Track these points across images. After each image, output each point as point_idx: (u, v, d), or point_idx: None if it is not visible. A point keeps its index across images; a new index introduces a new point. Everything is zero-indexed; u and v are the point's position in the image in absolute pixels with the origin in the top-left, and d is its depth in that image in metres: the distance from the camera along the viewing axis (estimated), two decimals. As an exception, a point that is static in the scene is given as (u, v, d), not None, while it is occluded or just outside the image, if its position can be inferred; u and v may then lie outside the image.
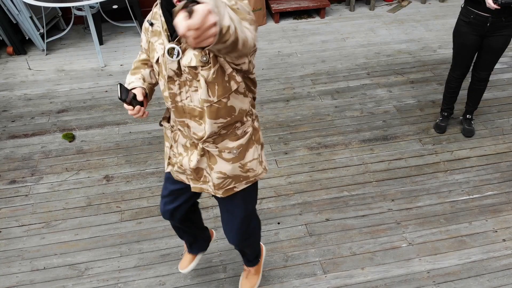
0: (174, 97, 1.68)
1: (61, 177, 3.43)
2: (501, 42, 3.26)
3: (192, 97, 1.65)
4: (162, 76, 1.66)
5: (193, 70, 1.56)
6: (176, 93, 1.67)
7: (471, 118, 3.74)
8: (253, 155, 1.91)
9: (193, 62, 1.54)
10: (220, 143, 1.81)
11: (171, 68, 1.59)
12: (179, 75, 1.61)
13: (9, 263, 2.83)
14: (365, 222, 3.05)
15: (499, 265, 2.78)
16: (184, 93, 1.66)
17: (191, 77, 1.59)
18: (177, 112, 1.73)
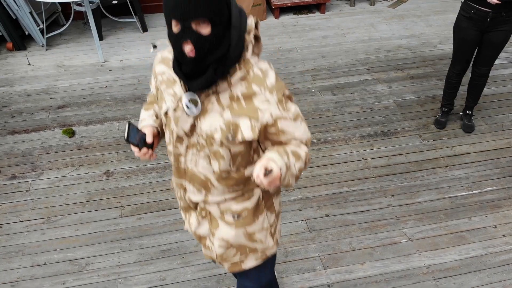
0: (178, 157, 1.55)
1: (61, 172, 3.44)
2: (501, 37, 3.26)
3: (198, 162, 1.52)
4: (169, 130, 1.51)
5: (211, 139, 1.44)
6: (181, 154, 1.53)
7: (471, 113, 3.74)
8: (263, 223, 1.70)
9: (217, 135, 1.42)
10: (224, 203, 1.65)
11: (183, 127, 1.45)
12: (189, 137, 1.48)
13: (9, 259, 2.84)
14: (365, 217, 3.06)
15: (498, 260, 2.78)
16: (190, 156, 1.53)
17: (204, 144, 1.46)
18: (178, 172, 1.61)
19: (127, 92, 4.26)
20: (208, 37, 1.27)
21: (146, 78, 4.44)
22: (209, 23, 1.26)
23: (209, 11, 1.25)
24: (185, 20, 1.25)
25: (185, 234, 2.96)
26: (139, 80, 4.41)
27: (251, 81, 1.39)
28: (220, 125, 1.41)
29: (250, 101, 1.39)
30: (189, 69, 1.33)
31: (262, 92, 1.39)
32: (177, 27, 1.28)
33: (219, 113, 1.41)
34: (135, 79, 4.43)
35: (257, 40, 1.43)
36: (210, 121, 1.42)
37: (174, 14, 1.25)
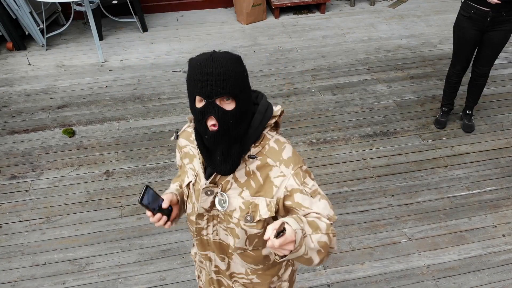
0: (200, 230, 1.55)
1: (61, 172, 3.44)
2: (501, 37, 3.26)
3: (219, 232, 1.52)
4: (191, 203, 1.52)
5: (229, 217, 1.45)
6: (203, 227, 1.53)
7: (471, 113, 3.74)
8: None
9: (236, 214, 1.43)
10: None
11: (203, 206, 1.46)
12: (209, 211, 1.48)
13: (10, 258, 2.84)
14: (365, 217, 3.06)
15: (498, 260, 2.78)
16: (211, 227, 1.52)
17: (222, 218, 1.47)
18: (201, 245, 1.60)
19: (127, 92, 4.26)
20: (231, 112, 1.28)
21: (146, 78, 4.44)
22: (233, 100, 1.28)
23: (234, 89, 1.26)
24: (210, 96, 1.25)
25: (185, 234, 2.96)
26: (139, 80, 4.41)
27: (266, 154, 1.39)
28: (239, 205, 1.41)
29: (266, 175, 1.39)
30: (211, 143, 1.32)
31: (277, 165, 1.38)
32: (201, 102, 1.29)
33: (238, 192, 1.41)
34: (135, 79, 4.43)
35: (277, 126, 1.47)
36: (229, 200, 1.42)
37: (199, 91, 1.26)
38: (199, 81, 1.25)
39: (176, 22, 5.41)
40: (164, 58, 4.74)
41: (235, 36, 5.11)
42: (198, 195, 1.46)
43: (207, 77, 1.24)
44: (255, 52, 4.80)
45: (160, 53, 4.82)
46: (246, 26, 5.26)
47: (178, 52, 4.84)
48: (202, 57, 1.27)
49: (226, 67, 1.25)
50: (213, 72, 1.24)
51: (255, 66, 4.57)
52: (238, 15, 5.35)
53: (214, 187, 1.41)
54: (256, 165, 1.38)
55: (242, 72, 1.29)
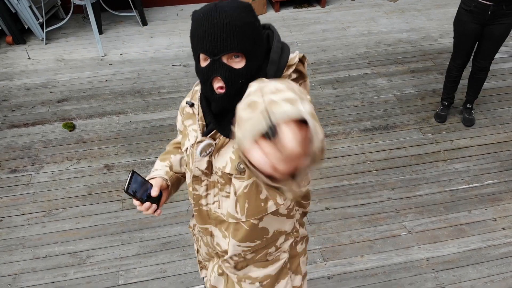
0: (199, 199, 1.36)
1: (61, 166, 3.44)
2: (502, 30, 3.25)
3: (221, 203, 1.33)
4: (189, 170, 1.34)
5: (227, 175, 1.26)
6: (202, 195, 1.35)
7: (471, 107, 3.73)
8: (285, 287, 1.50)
9: (227, 168, 1.23)
10: (241, 269, 1.45)
11: (199, 167, 1.28)
12: (208, 175, 1.30)
13: (10, 252, 2.85)
14: (365, 210, 3.07)
15: (498, 253, 2.79)
16: (212, 197, 1.34)
17: (223, 181, 1.28)
18: (200, 217, 1.41)
19: (127, 86, 4.25)
20: (241, 71, 1.10)
21: (145, 72, 4.43)
22: (243, 57, 1.10)
23: (243, 43, 1.08)
24: (215, 53, 1.08)
25: (186, 227, 2.96)
26: (139, 74, 4.40)
27: None
28: (229, 156, 1.22)
29: None
30: (219, 108, 1.17)
31: None
32: (205, 61, 1.13)
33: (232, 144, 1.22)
34: (135, 73, 4.42)
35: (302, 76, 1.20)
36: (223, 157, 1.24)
37: (202, 47, 1.09)
38: (202, 35, 1.07)
39: (176, 16, 5.40)
40: (164, 52, 4.73)
41: (235, 30, 5.10)
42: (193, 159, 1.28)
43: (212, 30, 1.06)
44: (255, 46, 4.79)
45: (160, 47, 4.81)
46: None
47: (177, 46, 4.83)
48: (206, 8, 1.09)
49: (233, 17, 1.06)
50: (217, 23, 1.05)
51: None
52: (238, 9, 5.33)
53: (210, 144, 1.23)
54: None
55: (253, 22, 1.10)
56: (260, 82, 0.88)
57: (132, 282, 2.67)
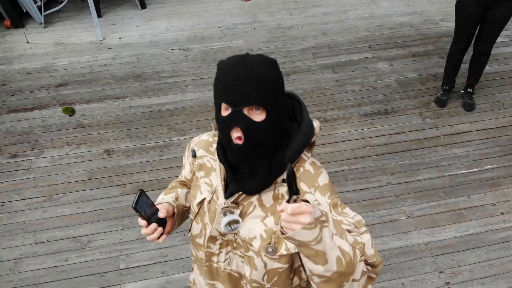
0: (211, 256, 1.34)
1: (62, 151, 3.44)
2: (504, 14, 3.23)
3: (232, 261, 1.32)
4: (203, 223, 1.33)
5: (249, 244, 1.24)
6: (214, 253, 1.33)
7: (472, 92, 3.72)
8: None
9: (256, 243, 1.22)
10: None
11: (218, 229, 1.26)
12: (223, 235, 1.29)
13: (12, 236, 2.87)
14: (364, 195, 3.08)
15: (496, 237, 2.81)
16: (224, 254, 1.32)
17: (240, 244, 1.27)
18: (210, 273, 1.38)
19: (126, 70, 4.23)
20: (260, 124, 1.12)
21: (145, 56, 4.40)
22: (264, 110, 1.11)
23: (266, 97, 1.10)
24: (237, 104, 1.09)
25: (186, 212, 2.97)
26: (138, 58, 4.38)
27: (300, 177, 1.20)
28: (260, 232, 1.21)
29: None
30: (235, 159, 1.18)
31: (311, 192, 1.19)
32: (227, 111, 1.13)
33: (260, 218, 1.22)
34: (134, 57, 4.40)
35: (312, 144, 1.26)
36: (250, 226, 1.23)
37: (225, 98, 1.10)
38: (226, 85, 1.09)
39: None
40: (163, 35, 4.70)
41: (234, 13, 5.05)
42: (213, 216, 1.27)
43: (235, 82, 1.08)
44: (255, 30, 4.75)
45: (159, 31, 4.77)
46: (246, 3, 5.19)
47: (177, 29, 4.79)
48: (232, 60, 1.12)
49: (258, 71, 1.08)
50: (242, 76, 1.07)
51: (255, 44, 4.52)
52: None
53: (235, 207, 1.22)
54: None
55: (277, 78, 1.12)
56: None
57: (133, 267, 2.69)
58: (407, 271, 2.64)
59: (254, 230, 1.22)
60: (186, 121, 3.68)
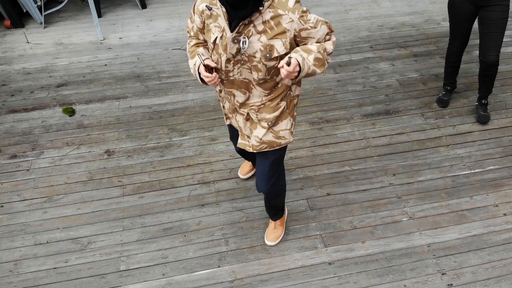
0: (228, 73, 2.01)
1: (62, 151, 3.43)
2: (498, 13, 3.09)
3: (242, 72, 1.99)
4: (218, 54, 1.97)
5: (253, 57, 1.91)
6: (230, 70, 2.00)
7: (486, 103, 3.55)
8: (286, 125, 2.24)
9: (258, 54, 1.90)
10: (262, 113, 2.15)
11: (231, 52, 1.91)
12: (235, 57, 1.94)
13: (12, 237, 2.85)
14: (366, 196, 3.06)
15: (499, 239, 2.79)
16: (236, 69, 1.99)
17: (246, 60, 1.93)
18: (228, 83, 2.08)
19: (127, 70, 4.22)
20: None
21: (145, 56, 4.39)
22: None
23: None
24: None
25: (187, 213, 2.96)
26: (139, 58, 4.36)
27: (276, 6, 1.83)
28: (259, 47, 1.88)
29: (278, 23, 1.84)
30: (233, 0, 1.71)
31: (286, 13, 1.84)
32: None
33: (257, 38, 1.87)
34: (135, 57, 4.38)
35: None
36: (251, 44, 1.88)
37: None
38: None
39: (176, -1, 5.33)
40: (164, 35, 4.68)
41: (235, 13, 5.03)
42: (225, 46, 1.90)
43: None
44: (256, 30, 4.74)
45: (160, 31, 4.76)
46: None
47: (177, 29, 4.77)
48: None
49: None
50: None
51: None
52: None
53: (239, 35, 1.86)
54: (270, 16, 1.83)
55: None
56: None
57: (133, 268, 2.67)
58: (409, 273, 2.63)
59: (255, 47, 1.88)
60: (186, 121, 3.66)
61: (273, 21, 1.84)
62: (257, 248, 2.76)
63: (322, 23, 1.93)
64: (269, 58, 1.91)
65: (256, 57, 1.91)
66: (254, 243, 2.79)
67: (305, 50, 1.89)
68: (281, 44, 1.88)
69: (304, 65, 1.86)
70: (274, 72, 2.01)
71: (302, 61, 1.85)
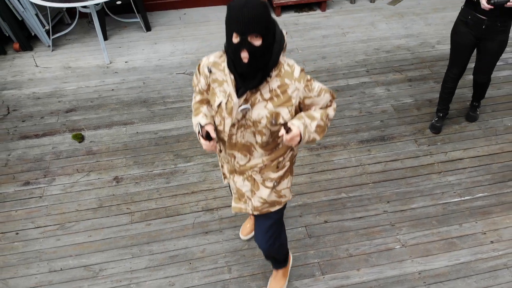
0: (231, 136, 2.08)
1: (72, 178, 3.60)
2: (496, 47, 3.38)
3: (245, 135, 2.06)
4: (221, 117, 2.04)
5: (258, 123, 1.98)
6: (234, 133, 2.07)
7: (477, 105, 3.99)
8: (287, 184, 2.32)
9: (263, 121, 1.97)
10: (264, 173, 2.21)
11: (237, 117, 1.99)
12: (239, 121, 2.02)
13: (27, 265, 3.03)
14: (362, 223, 3.24)
15: (486, 266, 2.97)
16: (240, 133, 2.06)
17: (251, 124, 2.00)
18: (229, 145, 2.14)
19: (133, 95, 4.39)
20: (259, 48, 1.75)
21: (151, 81, 4.56)
22: (261, 37, 1.74)
23: (262, 29, 1.73)
24: (244, 34, 1.71)
25: (192, 240, 3.14)
26: (144, 83, 4.53)
27: (283, 76, 1.91)
28: (265, 114, 1.96)
29: (284, 91, 1.92)
30: (242, 71, 1.82)
31: (292, 82, 1.92)
32: (236, 38, 1.74)
33: (263, 105, 1.94)
34: (140, 82, 4.55)
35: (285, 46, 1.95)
36: (257, 111, 1.96)
37: (236, 28, 1.72)
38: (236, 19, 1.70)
39: (179, 21, 5.50)
40: (168, 59, 4.85)
41: (237, 35, 5.20)
42: (230, 111, 1.98)
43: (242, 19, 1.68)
44: (257, 53, 4.90)
45: (164, 54, 4.93)
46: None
47: (181, 53, 4.95)
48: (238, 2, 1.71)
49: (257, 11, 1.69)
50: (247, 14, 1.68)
51: (257, 68, 4.67)
52: (240, 14, 5.42)
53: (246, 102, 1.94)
54: (277, 85, 1.91)
55: (269, 16, 1.75)
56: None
57: (143, 295, 2.85)
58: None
59: (262, 113, 1.95)
60: (191, 147, 3.84)
61: (279, 90, 1.91)
62: (258, 276, 2.94)
63: (326, 92, 2.02)
64: (275, 124, 1.98)
65: (262, 123, 1.97)
66: (255, 271, 2.97)
67: (309, 117, 1.95)
68: (287, 112, 1.95)
69: (305, 134, 1.91)
70: (277, 135, 2.09)
71: (303, 129, 1.89)
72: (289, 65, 1.94)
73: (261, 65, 1.80)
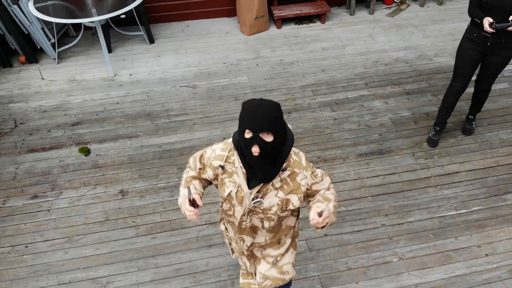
0: (242, 222, 2.18)
1: (79, 191, 3.71)
2: (499, 62, 3.54)
3: (252, 220, 2.16)
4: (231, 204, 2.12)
5: (268, 210, 2.07)
6: (244, 220, 2.17)
7: (473, 118, 4.11)
8: (289, 259, 2.39)
9: (274, 208, 2.07)
10: (265, 250, 2.32)
11: (248, 207, 2.09)
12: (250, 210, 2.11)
13: (37, 277, 3.13)
14: (360, 237, 3.34)
15: (480, 279, 3.07)
16: (248, 219, 2.15)
17: (260, 211, 2.09)
18: (239, 230, 2.23)
19: (137, 108, 4.50)
20: (270, 143, 1.85)
21: (154, 94, 4.66)
22: (272, 134, 1.85)
23: (273, 128, 1.84)
24: (256, 131, 1.82)
25: (196, 254, 3.24)
26: (148, 96, 4.64)
27: (292, 165, 2.02)
28: (277, 202, 2.06)
29: (294, 179, 2.02)
30: (252, 164, 1.92)
31: (301, 171, 2.03)
32: (249, 134, 1.84)
33: (274, 194, 2.04)
34: (145, 95, 4.66)
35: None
36: (269, 200, 2.05)
37: (249, 126, 1.83)
38: (250, 120, 1.82)
39: (182, 33, 5.60)
40: (172, 72, 4.96)
41: (238, 48, 5.31)
42: (241, 200, 2.07)
43: (257, 118, 1.81)
44: (258, 66, 5.01)
45: (167, 67, 5.04)
46: (249, 37, 5.45)
47: (184, 65, 5.05)
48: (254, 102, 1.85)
49: (269, 112, 1.82)
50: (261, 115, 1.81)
51: (258, 81, 4.78)
52: (242, 26, 5.54)
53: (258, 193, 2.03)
54: (287, 174, 2.01)
55: (280, 116, 1.88)
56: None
57: (149, 308, 2.95)
58: (398, 312, 2.91)
59: (273, 202, 2.04)
60: (194, 160, 3.93)
61: (289, 178, 2.00)
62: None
63: (326, 175, 2.13)
64: (284, 211, 2.08)
65: (272, 210, 2.06)
66: (257, 284, 3.07)
67: (326, 198, 2.02)
68: (297, 199, 2.04)
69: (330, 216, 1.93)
70: (283, 219, 2.18)
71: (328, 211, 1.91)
72: (297, 154, 2.05)
73: (270, 159, 1.90)
